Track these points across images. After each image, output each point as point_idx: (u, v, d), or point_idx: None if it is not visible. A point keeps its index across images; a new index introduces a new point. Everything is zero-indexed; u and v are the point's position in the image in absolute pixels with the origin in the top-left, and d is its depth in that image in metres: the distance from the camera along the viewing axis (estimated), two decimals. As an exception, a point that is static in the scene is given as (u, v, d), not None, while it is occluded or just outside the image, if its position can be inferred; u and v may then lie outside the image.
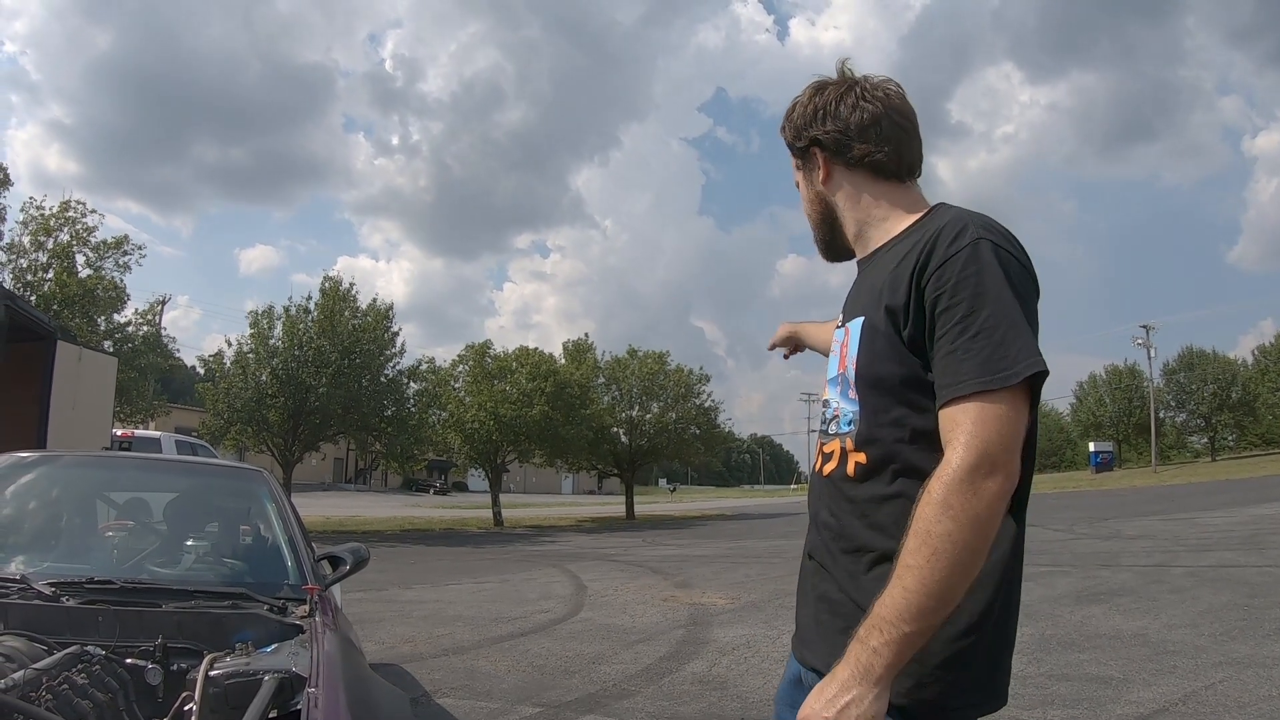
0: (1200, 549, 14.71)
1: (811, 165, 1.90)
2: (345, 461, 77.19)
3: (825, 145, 1.87)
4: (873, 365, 1.68)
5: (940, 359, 1.56)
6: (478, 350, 34.77)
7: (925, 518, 1.47)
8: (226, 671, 2.37)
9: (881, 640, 1.46)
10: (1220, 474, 49.45)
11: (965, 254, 1.58)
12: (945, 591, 1.45)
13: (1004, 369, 1.50)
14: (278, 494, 4.12)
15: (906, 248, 1.71)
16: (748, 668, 7.18)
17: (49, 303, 25.15)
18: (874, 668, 1.45)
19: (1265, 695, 5.66)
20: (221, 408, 27.47)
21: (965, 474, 1.46)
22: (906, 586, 1.46)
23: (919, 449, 1.62)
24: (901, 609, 1.45)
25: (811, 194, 1.92)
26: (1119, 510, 26.45)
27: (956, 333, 1.54)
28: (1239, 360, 77.33)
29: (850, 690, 1.46)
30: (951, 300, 1.56)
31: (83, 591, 2.83)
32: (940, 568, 1.44)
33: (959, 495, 1.45)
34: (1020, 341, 1.52)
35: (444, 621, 9.86)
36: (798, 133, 1.92)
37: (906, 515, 1.57)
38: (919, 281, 1.61)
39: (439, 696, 6.31)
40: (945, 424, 1.54)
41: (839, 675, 1.48)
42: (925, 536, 1.46)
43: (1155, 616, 8.58)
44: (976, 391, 1.50)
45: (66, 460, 4.59)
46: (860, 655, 1.47)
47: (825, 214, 1.91)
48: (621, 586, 13.05)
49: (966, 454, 1.47)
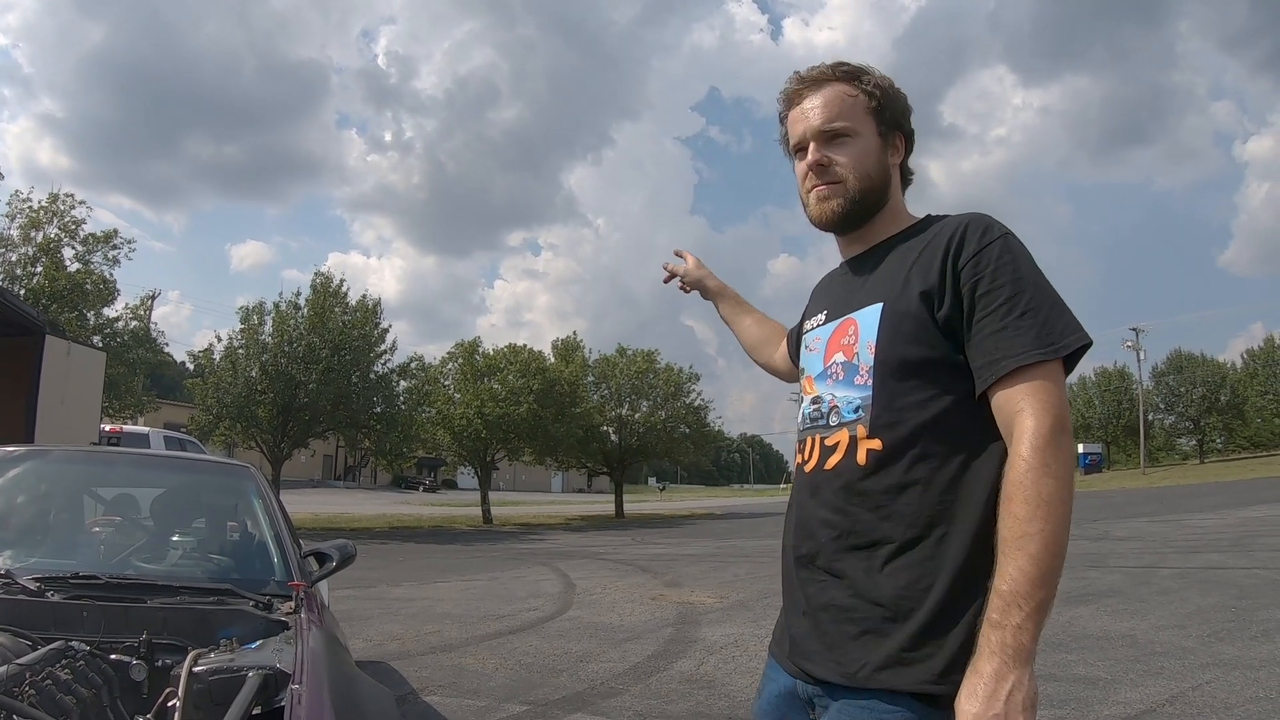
0: (1188, 551, 14.77)
1: (893, 143, 1.90)
2: (335, 459, 77.06)
3: (912, 141, 1.94)
4: (899, 348, 1.69)
5: (987, 336, 1.62)
6: (467, 348, 34.71)
7: (1029, 483, 1.50)
8: (210, 668, 2.35)
9: (1023, 614, 1.45)
10: (1209, 476, 49.61)
11: (999, 244, 1.66)
12: (1063, 549, 1.49)
13: (1055, 341, 1.58)
14: (264, 490, 4.10)
15: (923, 242, 1.76)
16: (735, 667, 7.18)
17: (38, 297, 25.01)
18: (1024, 645, 1.45)
19: (1252, 697, 5.68)
20: (211, 403, 27.31)
21: (1051, 435, 1.52)
22: (1032, 554, 1.47)
23: (939, 432, 1.65)
24: (1034, 576, 1.46)
25: (884, 163, 1.88)
26: (1108, 511, 26.50)
27: (1004, 311, 1.61)
28: (1228, 363, 77.65)
29: (1008, 678, 1.44)
30: (993, 284, 1.63)
31: (68, 587, 2.82)
32: (1056, 526, 1.48)
33: (1052, 455, 1.51)
34: (1065, 318, 1.61)
35: (432, 619, 9.85)
36: (905, 113, 1.92)
37: (925, 502, 1.62)
38: (954, 266, 1.67)
39: (426, 694, 6.30)
40: (1010, 396, 1.58)
41: (985, 670, 1.46)
42: (1036, 501, 1.49)
43: (1143, 618, 8.61)
44: (1037, 362, 1.56)
45: (54, 455, 4.57)
46: (1005, 639, 1.46)
47: (884, 185, 1.88)
48: (610, 585, 13.05)
49: (1044, 418, 1.53)
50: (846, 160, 1.85)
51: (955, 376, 1.65)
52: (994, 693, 1.43)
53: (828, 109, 1.86)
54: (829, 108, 1.86)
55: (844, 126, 1.85)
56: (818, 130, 1.87)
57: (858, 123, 1.85)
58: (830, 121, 1.86)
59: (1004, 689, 1.43)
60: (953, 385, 1.65)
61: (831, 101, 1.86)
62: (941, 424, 1.65)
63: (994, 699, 1.43)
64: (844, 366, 1.78)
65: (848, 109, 1.85)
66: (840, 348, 1.80)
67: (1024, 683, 1.43)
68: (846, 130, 1.85)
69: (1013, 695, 1.42)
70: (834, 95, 1.87)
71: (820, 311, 1.95)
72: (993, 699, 1.43)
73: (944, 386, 1.66)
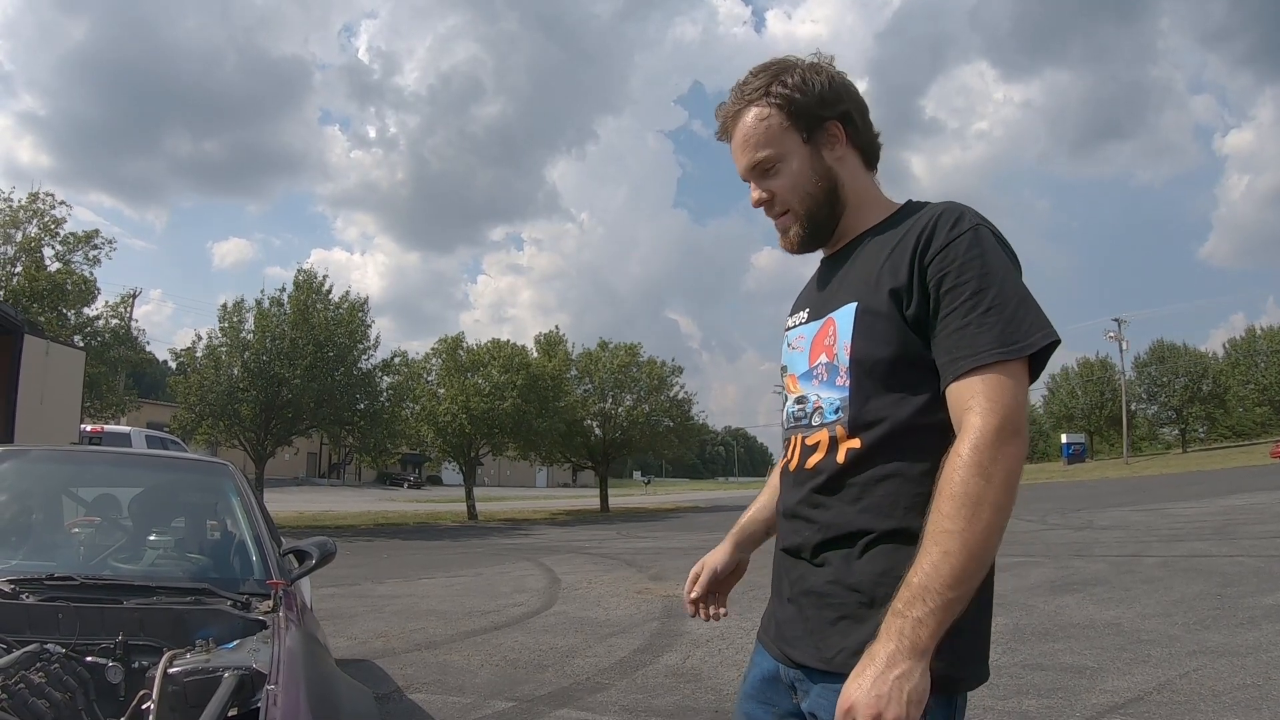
0: (1172, 539, 14.85)
1: (825, 139, 1.83)
2: (319, 456, 77.02)
3: (851, 120, 1.85)
4: (873, 348, 1.68)
5: (950, 334, 1.60)
6: (451, 343, 34.67)
7: (958, 481, 1.49)
8: (186, 669, 2.32)
9: (926, 609, 1.44)
10: (1191, 465, 50.06)
11: (968, 237, 1.63)
12: (985, 553, 1.48)
13: (1019, 340, 1.56)
14: (244, 488, 4.06)
15: (897, 236, 1.73)
16: (721, 660, 7.16)
17: (17, 297, 24.83)
18: (920, 639, 1.44)
19: (1239, 684, 5.69)
20: (193, 401, 27.17)
21: (992, 437, 1.50)
22: (948, 550, 1.46)
23: (915, 428, 1.65)
24: (945, 574, 1.45)
25: (821, 168, 1.82)
26: (1091, 501, 26.68)
27: (968, 308, 1.59)
28: (1210, 354, 78.33)
29: (897, 665, 1.43)
30: (958, 279, 1.60)
31: (42, 588, 2.79)
32: (980, 528, 1.46)
33: (989, 457, 1.49)
34: (1032, 315, 1.59)
35: (416, 616, 9.80)
36: (825, 102, 1.82)
37: (901, 494, 1.62)
38: (921, 262, 1.65)
39: (411, 692, 6.27)
40: (961, 393, 1.57)
41: (879, 653, 1.46)
42: (961, 499, 1.47)
43: (1129, 606, 8.64)
44: (995, 361, 1.54)
45: (33, 455, 4.54)
46: (903, 629, 1.45)
47: (831, 191, 1.84)
48: (595, 579, 13.02)
49: (990, 418, 1.51)
50: (782, 188, 1.84)
51: (930, 374, 1.64)
52: (880, 676, 1.43)
53: (746, 146, 1.84)
54: (747, 144, 1.84)
55: (766, 156, 1.83)
56: (747, 170, 1.86)
57: (778, 145, 1.82)
58: (754, 158, 1.84)
59: (892, 674, 1.43)
60: (928, 383, 1.64)
61: (749, 136, 1.84)
62: (919, 421, 1.64)
63: (880, 682, 1.43)
64: (827, 368, 1.77)
65: (763, 136, 1.82)
66: (823, 349, 1.79)
67: (914, 674, 1.43)
68: (770, 159, 1.83)
69: (900, 682, 1.42)
70: (749, 126, 1.84)
71: (803, 309, 1.94)
72: (878, 682, 1.43)
73: (919, 384, 1.65)
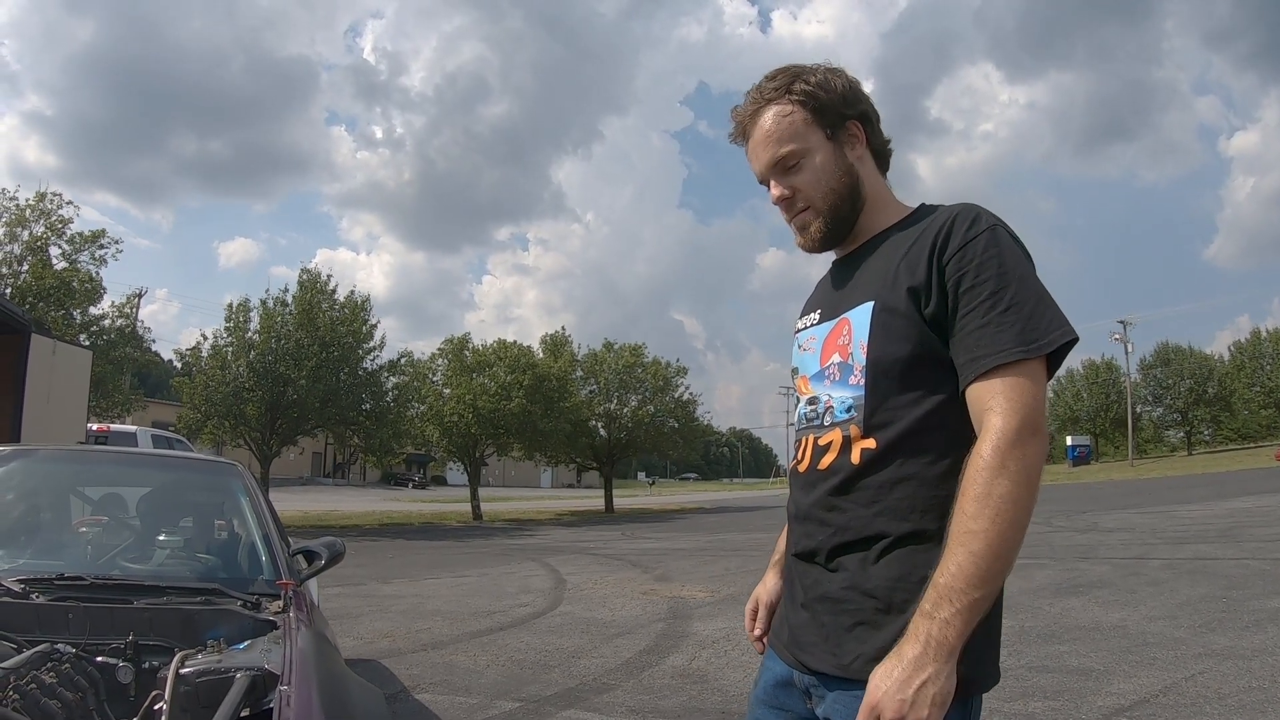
0: (1178, 542, 14.79)
1: (846, 137, 1.84)
2: (324, 456, 77.01)
3: (870, 121, 1.88)
4: (890, 346, 1.68)
5: (970, 333, 1.60)
6: (456, 344, 34.67)
7: (981, 481, 1.50)
8: (198, 669, 2.32)
9: (953, 610, 1.46)
10: (1196, 468, 49.86)
11: (985, 238, 1.64)
12: (1009, 552, 1.49)
13: (1039, 338, 1.57)
14: (252, 488, 4.06)
15: (913, 236, 1.74)
16: (728, 661, 7.16)
17: (24, 296, 24.89)
18: (947, 640, 1.45)
19: (1245, 686, 5.68)
20: (199, 401, 27.12)
21: (1014, 435, 1.51)
22: (973, 551, 1.47)
23: (932, 429, 1.65)
24: (971, 575, 1.46)
25: (844, 165, 1.83)
26: (1096, 503, 26.59)
27: (987, 307, 1.60)
28: (1215, 356, 78.07)
29: (925, 667, 1.44)
30: (977, 279, 1.61)
31: (52, 588, 2.78)
32: (1004, 528, 1.48)
33: (1012, 456, 1.50)
34: (1050, 313, 1.60)
35: (422, 616, 9.80)
36: (847, 101, 1.84)
37: (918, 497, 1.62)
38: (939, 261, 1.66)
39: (417, 692, 6.27)
40: (982, 393, 1.58)
41: (906, 654, 1.46)
42: (985, 499, 1.49)
43: (1134, 609, 8.61)
44: (1016, 360, 1.55)
45: (40, 454, 4.54)
46: (930, 630, 1.46)
47: (854, 188, 1.85)
48: (601, 580, 13.01)
49: (1011, 417, 1.52)
50: (805, 183, 1.84)
51: (947, 373, 1.65)
52: (908, 679, 1.44)
53: (769, 141, 1.84)
54: (770, 139, 1.84)
55: (790, 151, 1.83)
56: (768, 166, 1.86)
57: (802, 140, 1.83)
58: (777, 153, 1.83)
59: (919, 678, 1.44)
60: (945, 382, 1.65)
61: (771, 131, 1.84)
62: (935, 421, 1.65)
63: (906, 684, 1.44)
64: (840, 367, 1.77)
65: (787, 131, 1.82)
66: (836, 348, 1.79)
67: (940, 677, 1.44)
68: (794, 154, 1.83)
69: (925, 686, 1.43)
70: (771, 122, 1.84)
71: (814, 310, 1.94)
72: (905, 684, 1.44)
73: (936, 384, 1.65)
